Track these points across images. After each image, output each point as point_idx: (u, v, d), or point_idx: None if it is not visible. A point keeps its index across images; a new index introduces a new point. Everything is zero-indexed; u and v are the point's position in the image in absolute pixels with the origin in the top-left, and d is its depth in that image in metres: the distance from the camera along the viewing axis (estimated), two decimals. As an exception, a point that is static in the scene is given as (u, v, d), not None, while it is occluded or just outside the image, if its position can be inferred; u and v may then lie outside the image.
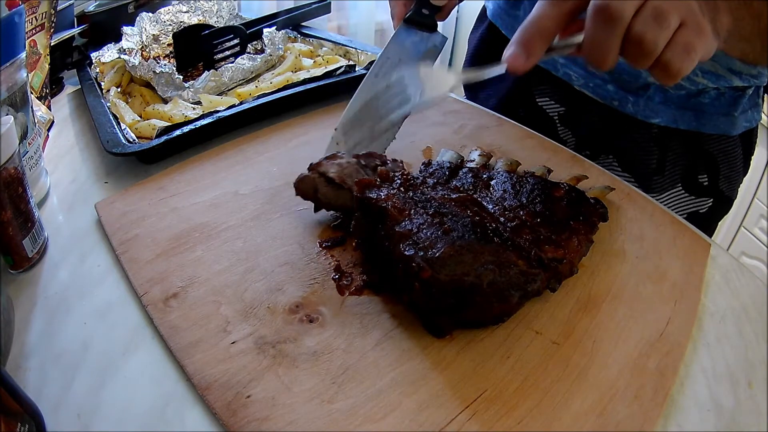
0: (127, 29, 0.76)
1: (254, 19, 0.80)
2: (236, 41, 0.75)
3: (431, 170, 0.49)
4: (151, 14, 0.79)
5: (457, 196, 0.42)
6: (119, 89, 0.68)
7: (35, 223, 0.43)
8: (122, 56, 0.70)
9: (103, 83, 0.68)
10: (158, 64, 0.67)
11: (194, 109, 0.63)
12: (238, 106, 0.60)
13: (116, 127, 0.56)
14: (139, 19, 0.78)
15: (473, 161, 0.52)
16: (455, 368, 0.35)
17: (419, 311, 0.38)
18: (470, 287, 0.35)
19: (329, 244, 0.45)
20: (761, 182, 1.50)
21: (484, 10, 0.79)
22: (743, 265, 0.47)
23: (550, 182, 0.47)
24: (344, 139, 0.52)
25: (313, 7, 0.84)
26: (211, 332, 0.37)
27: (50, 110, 0.62)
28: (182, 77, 0.66)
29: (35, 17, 0.59)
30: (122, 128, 0.57)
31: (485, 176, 0.47)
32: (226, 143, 0.58)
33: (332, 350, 0.36)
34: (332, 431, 0.31)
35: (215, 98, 0.64)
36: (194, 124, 0.56)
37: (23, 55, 0.47)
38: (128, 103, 0.66)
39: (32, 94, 0.55)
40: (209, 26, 0.76)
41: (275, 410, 0.32)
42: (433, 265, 0.35)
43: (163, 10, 0.81)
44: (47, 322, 0.38)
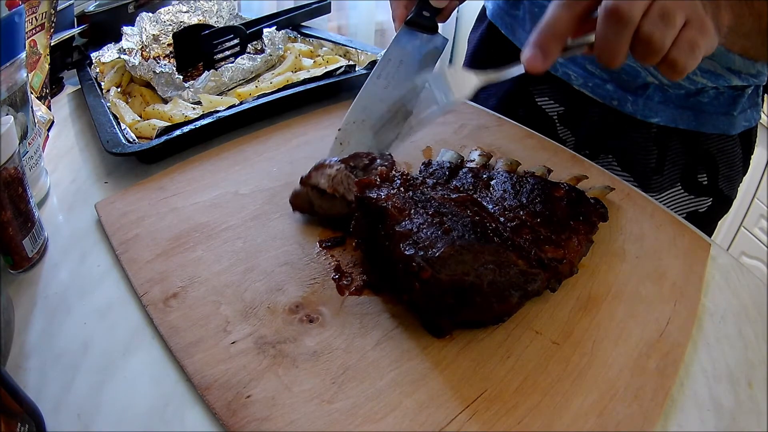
0: (127, 29, 0.76)
1: (254, 19, 0.80)
2: (236, 41, 0.75)
3: (431, 170, 0.49)
4: (151, 14, 0.79)
5: (457, 196, 0.42)
6: (119, 89, 0.68)
7: (35, 223, 0.43)
8: (122, 56, 0.70)
9: (103, 83, 0.68)
10: (158, 64, 0.67)
11: (194, 109, 0.63)
12: (238, 106, 0.60)
13: (116, 127, 0.56)
14: (139, 19, 0.78)
15: (473, 161, 0.52)
16: (455, 368, 0.35)
17: (419, 311, 0.38)
18: (470, 287, 0.35)
19: (329, 244, 0.45)
20: (761, 182, 1.50)
21: (483, 10, 0.80)
22: (743, 265, 0.47)
23: (550, 182, 0.47)
24: (347, 139, 0.52)
25: (313, 7, 0.84)
26: (211, 332, 0.37)
27: (50, 110, 0.62)
28: (182, 77, 0.66)
29: (35, 17, 0.59)
30: (122, 128, 0.57)
31: (485, 176, 0.47)
32: (226, 143, 0.58)
33: (332, 350, 0.36)
34: (332, 431, 0.31)
35: (215, 98, 0.64)
36: (194, 124, 0.56)
37: (23, 55, 0.47)
38: (128, 103, 0.66)
39: (32, 94, 0.55)
40: (209, 26, 0.76)
41: (275, 410, 0.32)
42: (433, 264, 0.35)
43: (163, 10, 0.81)
44: (47, 322, 0.38)
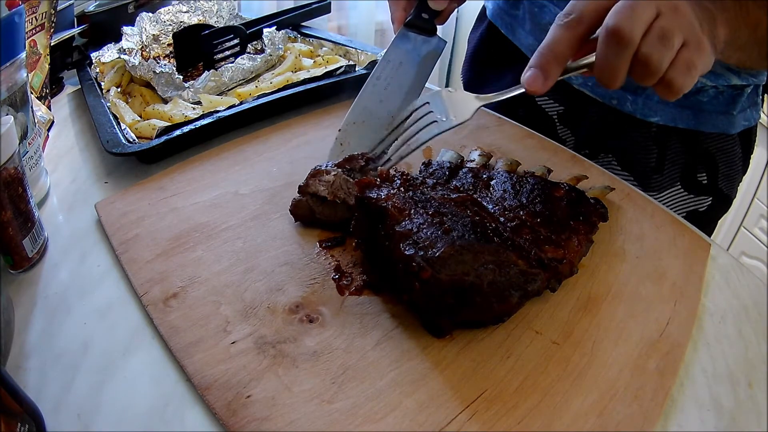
0: (127, 29, 0.76)
1: (254, 19, 0.80)
2: (236, 41, 0.75)
3: (431, 170, 0.49)
4: (151, 14, 0.79)
5: (457, 196, 0.42)
6: (119, 89, 0.68)
7: (35, 223, 0.43)
8: (122, 56, 0.70)
9: (103, 83, 0.68)
10: (158, 64, 0.67)
11: (194, 109, 0.63)
12: (238, 106, 0.60)
13: (116, 127, 0.56)
14: (139, 19, 0.78)
15: (473, 161, 0.52)
16: (455, 368, 0.35)
17: (419, 311, 0.38)
18: (470, 287, 0.35)
19: (329, 244, 0.45)
20: (761, 182, 1.50)
21: (483, 10, 0.80)
22: (743, 265, 0.47)
23: (550, 182, 0.47)
24: (348, 140, 0.52)
25: (313, 7, 0.84)
26: (211, 332, 0.37)
27: (50, 110, 0.62)
28: (182, 77, 0.66)
29: (35, 17, 0.59)
30: (122, 128, 0.57)
31: (485, 176, 0.47)
32: (226, 143, 0.58)
33: (332, 350, 0.36)
34: (332, 431, 0.31)
35: (215, 98, 0.64)
36: (194, 124, 0.56)
37: (23, 55, 0.47)
38: (128, 103, 0.66)
39: (32, 94, 0.55)
40: (209, 26, 0.76)
41: (275, 410, 0.32)
42: (433, 264, 0.35)
43: (163, 10, 0.81)
44: (47, 322, 0.38)
